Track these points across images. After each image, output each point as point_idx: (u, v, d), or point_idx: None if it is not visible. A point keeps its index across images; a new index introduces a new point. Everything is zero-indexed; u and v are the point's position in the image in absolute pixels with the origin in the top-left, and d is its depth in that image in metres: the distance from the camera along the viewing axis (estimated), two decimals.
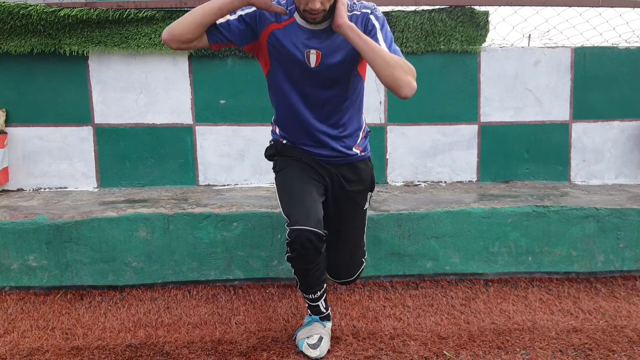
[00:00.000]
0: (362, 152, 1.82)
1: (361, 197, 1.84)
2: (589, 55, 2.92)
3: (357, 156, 1.80)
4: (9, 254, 2.16)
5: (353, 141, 1.78)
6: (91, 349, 1.72)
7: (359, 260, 1.89)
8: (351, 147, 1.77)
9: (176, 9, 2.70)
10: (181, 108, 2.83)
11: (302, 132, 1.74)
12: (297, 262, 1.63)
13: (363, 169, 1.83)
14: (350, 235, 1.86)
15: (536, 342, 1.74)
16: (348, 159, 1.79)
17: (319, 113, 1.71)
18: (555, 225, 2.27)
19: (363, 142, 1.83)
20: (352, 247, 1.87)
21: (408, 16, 2.78)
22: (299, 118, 1.72)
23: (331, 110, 1.71)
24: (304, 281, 1.70)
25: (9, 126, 2.79)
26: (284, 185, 1.74)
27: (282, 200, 1.70)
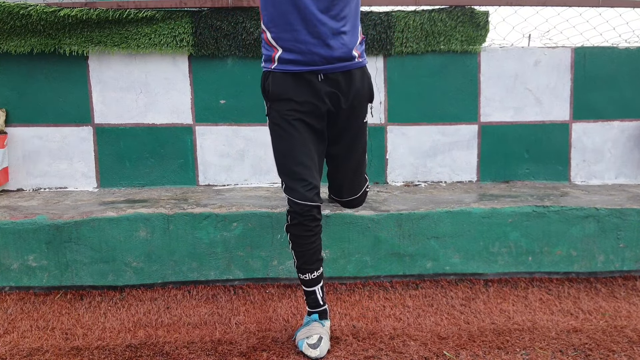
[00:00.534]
0: (359, 58, 1.78)
1: (359, 108, 1.81)
2: (589, 55, 2.92)
3: (355, 62, 1.76)
4: (9, 254, 2.16)
5: (352, 40, 1.74)
6: (91, 349, 1.72)
7: (362, 178, 1.92)
8: (350, 48, 1.73)
9: (176, 9, 2.70)
10: (181, 108, 2.83)
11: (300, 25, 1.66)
12: (296, 229, 1.69)
13: (359, 78, 1.79)
14: (351, 150, 1.85)
15: (536, 342, 1.74)
16: (346, 65, 1.73)
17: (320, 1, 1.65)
18: (555, 225, 2.27)
19: (360, 46, 1.79)
20: (354, 163, 1.87)
21: (408, 16, 2.78)
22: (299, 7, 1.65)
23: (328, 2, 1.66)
24: (301, 254, 1.73)
25: (9, 126, 2.79)
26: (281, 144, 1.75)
27: (278, 162, 1.74)
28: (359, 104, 1.81)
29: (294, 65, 1.71)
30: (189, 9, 2.72)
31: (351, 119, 1.81)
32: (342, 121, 1.80)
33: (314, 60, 1.70)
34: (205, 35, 2.73)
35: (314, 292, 1.77)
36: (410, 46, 2.81)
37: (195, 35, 2.72)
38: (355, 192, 1.92)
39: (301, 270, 1.76)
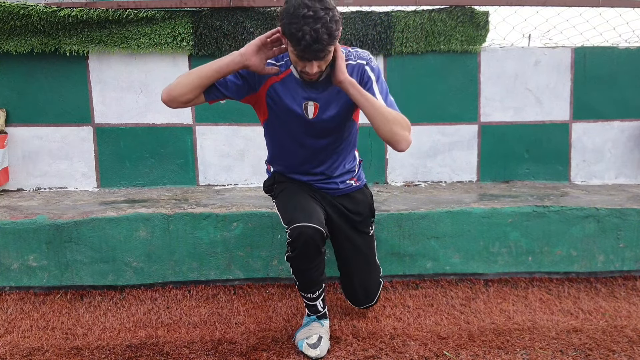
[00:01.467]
0: (356, 183, 1.87)
1: (363, 224, 1.88)
2: (589, 55, 2.92)
3: (352, 187, 1.86)
4: (9, 254, 2.16)
5: (348, 177, 1.84)
6: (91, 349, 1.72)
7: (375, 283, 1.91)
8: (345, 180, 1.84)
9: (176, 9, 2.70)
10: None
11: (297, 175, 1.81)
12: (297, 261, 1.63)
13: (360, 198, 1.87)
14: (360, 262, 1.88)
15: (536, 342, 1.74)
16: (344, 191, 1.84)
17: (315, 159, 1.76)
18: (555, 225, 2.27)
19: (357, 173, 1.88)
20: (365, 272, 1.89)
21: (408, 16, 2.78)
22: (294, 164, 1.79)
23: (326, 155, 1.76)
24: (303, 282, 1.70)
25: (9, 126, 2.79)
26: (284, 200, 1.76)
27: (282, 213, 1.72)
28: (360, 222, 1.87)
29: None
30: (189, 9, 2.72)
31: (354, 232, 1.87)
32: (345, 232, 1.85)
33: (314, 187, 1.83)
34: (205, 35, 2.73)
35: (315, 305, 1.77)
36: (410, 46, 2.81)
37: (195, 35, 2.72)
38: (371, 298, 1.89)
39: (303, 290, 1.74)
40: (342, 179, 1.83)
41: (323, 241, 1.60)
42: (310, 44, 1.40)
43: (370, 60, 1.66)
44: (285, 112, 1.66)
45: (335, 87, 1.62)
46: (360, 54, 1.66)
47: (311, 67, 1.48)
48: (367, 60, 1.65)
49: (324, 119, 1.67)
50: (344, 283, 1.93)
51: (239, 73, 1.64)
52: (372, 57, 1.69)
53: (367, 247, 1.90)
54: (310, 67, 1.48)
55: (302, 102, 1.64)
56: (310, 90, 1.64)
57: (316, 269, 1.67)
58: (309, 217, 1.59)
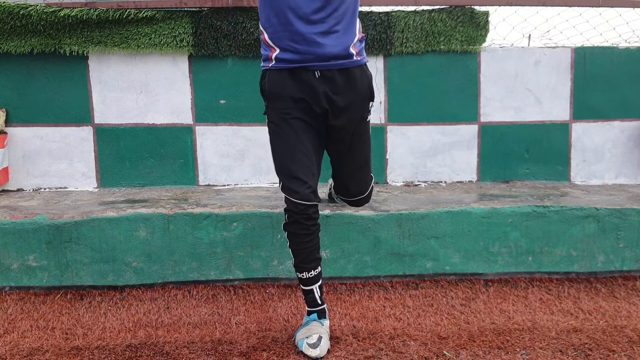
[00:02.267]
0: (358, 56, 1.76)
1: (360, 107, 1.81)
2: (589, 55, 2.92)
3: (353, 60, 1.74)
4: (9, 254, 2.16)
5: (348, 38, 1.72)
6: (91, 349, 1.72)
7: (368, 176, 1.91)
8: (347, 45, 1.71)
9: (176, 9, 2.70)
10: (181, 108, 2.83)
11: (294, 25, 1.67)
12: (292, 227, 1.71)
13: (359, 76, 1.77)
14: (354, 149, 1.85)
15: (536, 342, 1.74)
16: (343, 63, 1.72)
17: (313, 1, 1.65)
18: (555, 225, 2.27)
19: (359, 44, 1.77)
20: (358, 161, 1.87)
21: (408, 16, 2.78)
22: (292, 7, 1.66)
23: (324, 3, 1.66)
24: (299, 252, 1.73)
25: (9, 126, 2.79)
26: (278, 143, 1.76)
27: (276, 159, 1.76)
28: (358, 103, 1.80)
29: (290, 63, 1.72)
30: (189, 9, 2.72)
31: (351, 117, 1.80)
32: (342, 120, 1.79)
33: (308, 58, 1.69)
34: (205, 35, 2.73)
35: (311, 292, 1.77)
36: (410, 46, 2.82)
37: (195, 35, 2.72)
38: (363, 190, 1.91)
39: (299, 268, 1.76)
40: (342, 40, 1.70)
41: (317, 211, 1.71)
42: None
43: None
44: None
45: None
46: None
47: None
48: None
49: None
50: (337, 174, 1.93)
51: None
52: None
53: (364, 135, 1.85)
54: None
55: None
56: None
57: (312, 237, 1.72)
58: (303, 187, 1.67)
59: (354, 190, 1.93)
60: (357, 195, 1.93)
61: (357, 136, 1.85)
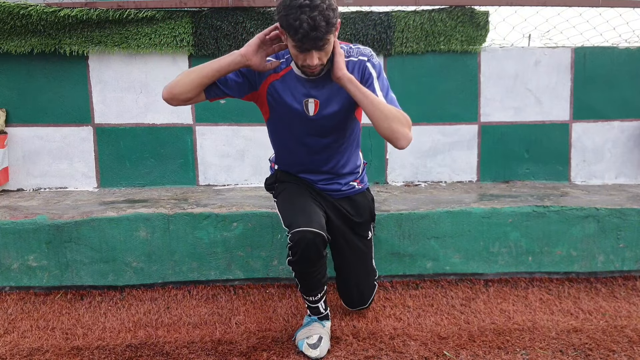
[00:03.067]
0: (359, 185, 1.87)
1: (362, 228, 1.88)
2: (589, 55, 2.92)
3: (354, 189, 1.85)
4: (9, 254, 2.16)
5: (352, 178, 1.84)
6: (91, 349, 1.72)
7: (370, 286, 1.92)
8: (349, 181, 1.83)
9: (176, 9, 2.70)
10: (181, 108, 2.83)
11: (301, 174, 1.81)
12: (298, 265, 1.62)
13: (361, 202, 1.86)
14: (357, 265, 1.88)
15: (536, 342, 1.74)
16: (346, 193, 1.84)
17: (318, 158, 1.75)
18: (555, 225, 2.27)
19: (361, 175, 1.88)
20: (361, 275, 1.89)
21: (408, 16, 2.79)
22: (298, 163, 1.78)
23: (330, 154, 1.75)
24: (305, 285, 1.70)
25: (9, 126, 2.79)
26: (285, 201, 1.76)
27: (283, 215, 1.71)
28: (360, 225, 1.86)
29: None
30: (189, 9, 2.72)
31: (353, 235, 1.86)
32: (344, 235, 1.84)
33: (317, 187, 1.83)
34: (205, 35, 2.73)
35: (317, 307, 1.77)
36: (410, 46, 2.82)
37: (195, 35, 2.72)
38: (364, 301, 1.91)
39: (305, 293, 1.74)
40: (346, 180, 1.82)
41: (324, 245, 1.60)
42: (308, 31, 1.41)
43: (372, 57, 1.66)
44: (285, 109, 1.66)
45: (336, 84, 1.62)
46: (362, 50, 1.66)
47: (311, 58, 1.47)
48: (368, 56, 1.65)
49: (325, 115, 1.66)
50: (339, 284, 1.93)
51: (239, 71, 1.64)
52: (374, 53, 1.68)
53: (365, 251, 1.90)
54: (310, 59, 1.48)
55: (303, 99, 1.64)
56: (310, 87, 1.64)
57: (318, 272, 1.67)
58: (309, 221, 1.58)
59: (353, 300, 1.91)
60: (356, 305, 1.92)
61: (358, 253, 1.88)
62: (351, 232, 1.85)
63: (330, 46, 1.49)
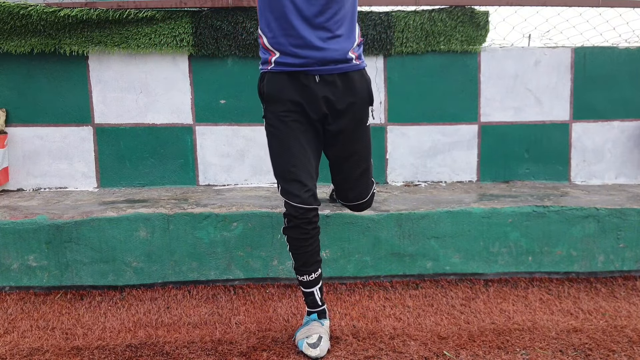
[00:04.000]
0: (357, 60, 1.76)
1: (359, 111, 1.79)
2: (589, 55, 2.92)
3: (352, 64, 1.74)
4: (9, 254, 2.16)
5: (348, 43, 1.72)
6: (91, 349, 1.72)
7: (369, 181, 1.88)
8: (346, 50, 1.71)
9: (176, 9, 2.70)
10: (181, 108, 2.83)
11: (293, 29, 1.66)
12: (292, 232, 1.70)
13: (358, 80, 1.76)
14: (354, 153, 1.83)
15: (536, 342, 1.74)
16: (342, 67, 1.72)
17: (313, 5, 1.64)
18: (555, 225, 2.27)
19: (358, 49, 1.77)
20: (358, 166, 1.84)
21: (408, 16, 2.78)
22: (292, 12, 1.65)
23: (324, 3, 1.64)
24: (299, 256, 1.72)
25: (9, 126, 2.79)
26: (276, 146, 1.74)
27: (274, 163, 1.74)
28: (358, 107, 1.79)
29: (290, 67, 1.71)
30: (189, 9, 2.72)
31: (351, 122, 1.79)
32: (341, 124, 1.78)
33: (309, 62, 1.69)
34: (205, 35, 2.73)
35: (312, 294, 1.77)
36: (410, 46, 2.82)
37: (195, 35, 2.72)
38: (362, 196, 1.88)
39: (299, 271, 1.75)
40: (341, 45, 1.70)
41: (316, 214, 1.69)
42: None
43: None
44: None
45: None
46: None
47: None
48: None
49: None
50: (337, 181, 1.90)
51: None
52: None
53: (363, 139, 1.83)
54: None
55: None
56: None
57: (312, 241, 1.71)
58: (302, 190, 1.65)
59: (352, 196, 1.91)
60: (356, 200, 1.90)
61: (357, 140, 1.83)
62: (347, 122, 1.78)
63: None
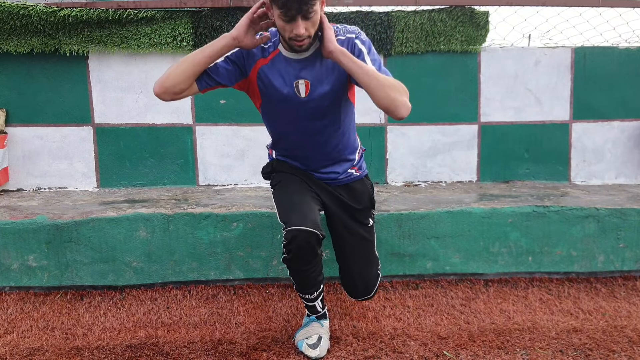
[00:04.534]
0: (357, 172, 1.83)
1: (363, 215, 1.84)
2: (589, 55, 2.92)
3: (352, 177, 1.82)
4: (9, 254, 2.16)
5: (349, 165, 1.81)
6: (91, 349, 1.72)
7: (374, 276, 1.87)
8: (347, 169, 1.80)
9: (176, 9, 2.70)
10: (181, 108, 2.83)
11: (298, 161, 1.78)
12: (293, 263, 1.61)
13: (360, 189, 1.83)
14: (359, 254, 1.85)
15: (536, 342, 1.74)
16: (344, 181, 1.81)
17: (314, 143, 1.72)
18: (555, 225, 2.27)
19: (359, 162, 1.85)
20: (364, 264, 1.86)
21: (408, 16, 2.78)
22: (294, 148, 1.76)
23: (326, 139, 1.72)
24: (300, 282, 1.69)
25: (9, 126, 2.79)
26: (281, 195, 1.75)
27: (279, 210, 1.70)
28: (360, 212, 1.83)
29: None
30: (189, 9, 2.72)
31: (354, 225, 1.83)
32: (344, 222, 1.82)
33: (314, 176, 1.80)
34: (205, 35, 2.73)
35: (313, 306, 1.77)
36: (410, 46, 2.82)
37: (195, 35, 2.72)
38: (369, 291, 1.85)
39: (301, 291, 1.73)
40: (343, 168, 1.79)
41: (319, 243, 1.59)
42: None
43: (360, 34, 1.63)
44: (277, 93, 1.64)
45: (326, 63, 1.59)
46: (349, 28, 1.63)
47: (298, 28, 1.45)
48: (356, 33, 1.62)
49: (317, 97, 1.62)
50: (342, 275, 1.90)
51: (228, 58, 1.63)
52: (362, 32, 1.65)
53: (367, 238, 1.86)
54: (297, 29, 1.46)
55: (293, 80, 1.61)
56: (300, 68, 1.61)
57: (312, 270, 1.66)
58: (304, 219, 1.57)
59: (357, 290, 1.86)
60: (360, 295, 1.87)
61: (360, 241, 1.84)
62: (351, 219, 1.82)
63: (316, 16, 1.48)
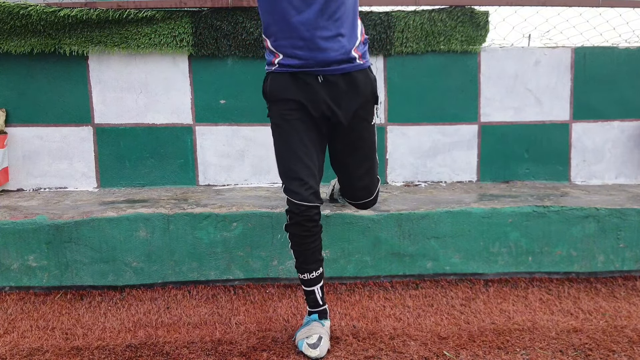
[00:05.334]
0: (360, 59, 1.74)
1: (363, 111, 1.79)
2: (589, 55, 2.92)
3: (355, 64, 1.72)
4: (9, 254, 2.16)
5: (350, 42, 1.70)
6: (91, 349, 1.72)
7: (374, 179, 1.89)
8: (349, 49, 1.69)
9: (176, 9, 2.70)
10: (181, 108, 2.83)
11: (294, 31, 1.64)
12: (294, 229, 1.70)
13: (362, 80, 1.75)
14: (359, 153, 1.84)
15: (536, 342, 1.74)
16: (346, 67, 1.71)
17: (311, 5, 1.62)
18: (555, 225, 2.27)
19: (362, 47, 1.75)
20: (363, 165, 1.85)
21: (408, 16, 2.78)
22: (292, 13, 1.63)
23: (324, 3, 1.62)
24: (300, 254, 1.73)
25: (9, 126, 2.79)
26: (280, 147, 1.76)
27: (278, 161, 1.76)
28: (362, 107, 1.78)
29: (292, 68, 1.71)
30: (189, 9, 2.72)
31: (355, 121, 1.79)
32: (346, 124, 1.78)
33: (309, 63, 1.69)
34: (205, 35, 2.73)
35: (313, 292, 1.77)
36: (410, 46, 2.82)
37: (195, 35, 2.72)
38: (370, 194, 1.89)
39: (300, 269, 1.76)
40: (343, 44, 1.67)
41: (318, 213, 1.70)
42: None
43: None
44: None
45: None
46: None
47: None
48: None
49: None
50: (343, 180, 1.91)
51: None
52: None
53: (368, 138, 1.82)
54: None
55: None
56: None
57: (314, 239, 1.72)
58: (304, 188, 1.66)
59: (359, 194, 1.92)
60: (363, 198, 1.91)
61: (362, 140, 1.83)
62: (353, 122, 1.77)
63: None
